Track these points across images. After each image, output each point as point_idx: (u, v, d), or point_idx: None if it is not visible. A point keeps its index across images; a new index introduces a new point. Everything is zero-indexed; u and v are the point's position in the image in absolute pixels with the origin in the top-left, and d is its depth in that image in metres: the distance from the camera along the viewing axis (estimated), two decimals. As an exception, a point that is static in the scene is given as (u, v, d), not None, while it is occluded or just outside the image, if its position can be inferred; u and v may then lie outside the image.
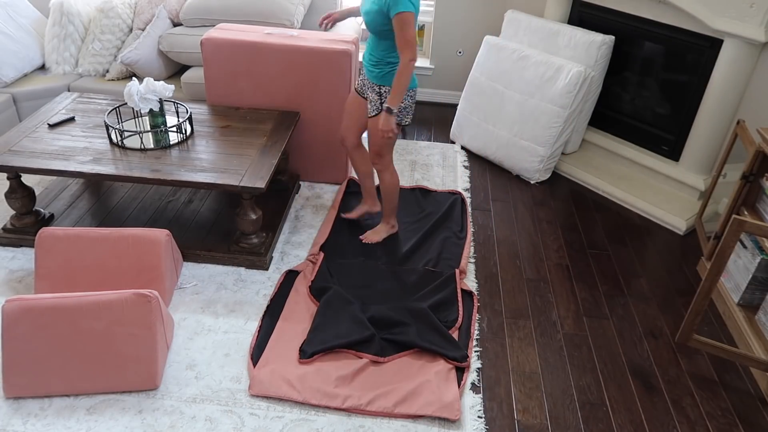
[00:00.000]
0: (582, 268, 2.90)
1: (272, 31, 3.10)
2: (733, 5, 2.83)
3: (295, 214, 3.13)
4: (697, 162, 3.24)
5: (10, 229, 2.76)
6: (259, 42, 2.97)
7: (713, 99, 3.05)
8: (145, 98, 2.65)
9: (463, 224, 3.08)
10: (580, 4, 3.62)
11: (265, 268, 2.71)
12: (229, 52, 3.00)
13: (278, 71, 3.03)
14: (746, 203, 2.70)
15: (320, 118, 3.15)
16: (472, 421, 2.08)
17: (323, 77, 3.02)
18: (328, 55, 2.95)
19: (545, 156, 3.46)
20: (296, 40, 2.99)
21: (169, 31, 3.59)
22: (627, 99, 3.61)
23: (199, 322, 2.42)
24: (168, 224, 2.88)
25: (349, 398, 2.10)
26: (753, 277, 2.46)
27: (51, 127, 2.80)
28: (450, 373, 2.22)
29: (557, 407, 2.18)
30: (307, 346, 2.27)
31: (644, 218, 3.32)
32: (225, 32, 3.04)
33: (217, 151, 2.68)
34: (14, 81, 3.57)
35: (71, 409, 2.03)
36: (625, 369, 2.36)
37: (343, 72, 2.99)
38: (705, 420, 2.16)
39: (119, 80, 3.66)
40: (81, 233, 2.39)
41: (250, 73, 3.05)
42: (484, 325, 2.52)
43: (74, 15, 3.67)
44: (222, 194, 3.12)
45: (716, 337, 2.53)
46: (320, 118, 3.14)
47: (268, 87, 3.08)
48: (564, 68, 3.32)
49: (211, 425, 2.00)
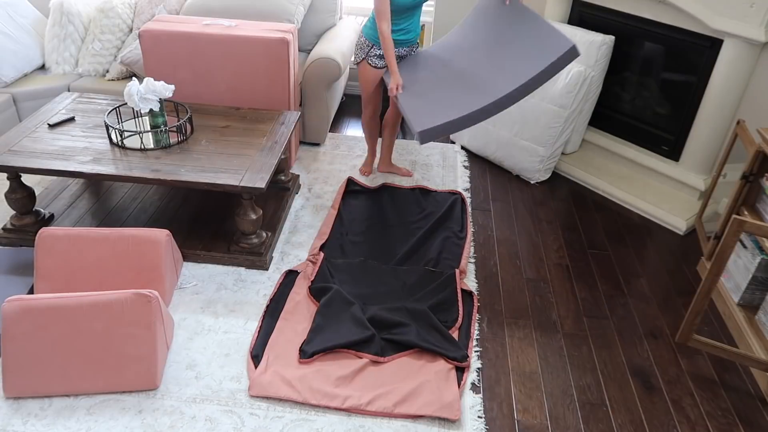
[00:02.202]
0: (582, 268, 2.90)
1: (210, 21, 3.12)
2: (733, 5, 2.83)
3: (295, 214, 3.13)
4: (697, 162, 3.24)
5: (10, 229, 2.76)
6: (197, 32, 2.98)
7: (713, 99, 3.05)
8: (145, 98, 2.65)
9: (463, 224, 3.08)
10: (580, 4, 3.62)
11: (265, 268, 2.71)
12: (167, 44, 3.01)
13: (217, 61, 3.05)
14: (746, 203, 2.70)
15: (260, 107, 3.16)
16: (472, 421, 2.08)
17: (262, 66, 3.04)
18: (265, 43, 2.97)
19: (545, 156, 3.46)
20: (234, 30, 3.02)
21: (169, 31, 3.59)
22: (627, 99, 3.61)
23: (199, 322, 2.42)
24: (168, 224, 2.88)
25: (349, 398, 2.10)
26: (753, 277, 2.46)
27: (51, 127, 2.80)
28: (450, 373, 2.22)
29: (557, 407, 2.18)
30: (307, 346, 2.27)
31: (644, 218, 3.32)
32: (163, 24, 3.06)
33: (217, 151, 2.68)
34: (14, 81, 3.57)
35: (71, 409, 2.03)
36: (625, 369, 2.36)
37: (282, 60, 3.01)
38: (705, 420, 2.16)
39: (119, 80, 3.66)
40: (81, 233, 2.39)
41: (190, 64, 3.07)
42: (484, 325, 2.52)
43: (74, 15, 3.67)
44: (222, 194, 3.12)
45: (716, 337, 2.53)
46: (260, 106, 3.16)
47: (207, 77, 3.10)
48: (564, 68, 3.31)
49: (211, 425, 2.00)
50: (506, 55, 2.70)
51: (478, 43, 2.88)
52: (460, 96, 2.66)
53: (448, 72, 2.88)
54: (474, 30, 2.97)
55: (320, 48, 3.57)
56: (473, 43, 2.91)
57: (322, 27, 3.90)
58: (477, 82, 2.69)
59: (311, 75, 3.47)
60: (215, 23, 3.09)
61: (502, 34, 2.78)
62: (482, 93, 2.59)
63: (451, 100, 2.66)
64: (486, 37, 2.86)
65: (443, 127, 2.56)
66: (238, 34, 2.98)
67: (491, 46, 2.79)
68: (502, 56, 2.71)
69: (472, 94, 2.62)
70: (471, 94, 2.62)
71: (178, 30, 2.99)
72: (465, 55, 2.91)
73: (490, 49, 2.79)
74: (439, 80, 2.86)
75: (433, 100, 2.72)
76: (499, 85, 2.57)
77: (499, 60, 2.70)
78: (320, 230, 2.98)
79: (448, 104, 2.62)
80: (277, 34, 2.99)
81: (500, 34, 2.80)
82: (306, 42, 3.91)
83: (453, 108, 2.59)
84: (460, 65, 2.87)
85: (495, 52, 2.75)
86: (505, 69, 2.62)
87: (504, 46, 2.74)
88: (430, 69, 2.97)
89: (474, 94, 2.62)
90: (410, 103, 2.78)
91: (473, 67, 2.80)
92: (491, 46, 2.80)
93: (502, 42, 2.76)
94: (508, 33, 2.76)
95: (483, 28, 2.92)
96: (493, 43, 2.79)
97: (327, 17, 3.89)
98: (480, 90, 2.62)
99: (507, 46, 2.72)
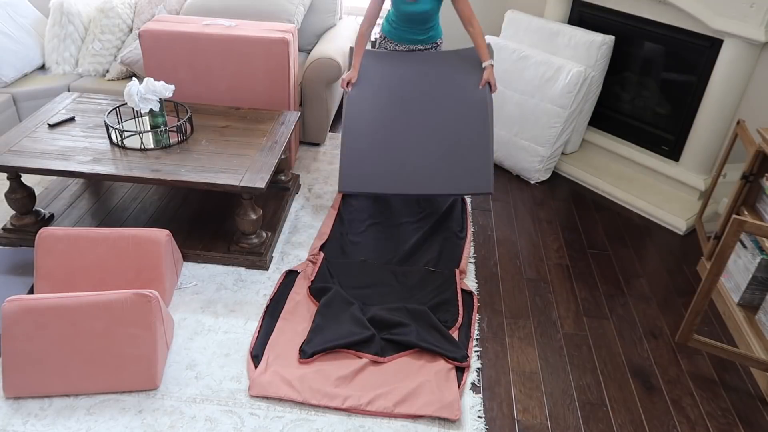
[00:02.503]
0: (582, 268, 2.90)
1: (210, 21, 3.12)
2: (733, 5, 2.83)
3: (295, 214, 3.13)
4: (697, 162, 3.24)
5: (10, 229, 2.76)
6: (197, 32, 2.99)
7: (713, 99, 3.05)
8: (145, 98, 2.65)
9: (463, 224, 3.08)
10: (580, 4, 3.62)
11: (265, 268, 2.71)
12: (167, 44, 3.01)
13: (217, 61, 3.05)
14: (746, 203, 2.70)
15: (260, 107, 3.17)
16: (472, 421, 2.08)
17: (262, 66, 3.04)
18: (265, 43, 2.97)
19: (545, 156, 3.46)
20: (234, 30, 3.02)
21: (169, 31, 3.59)
22: (627, 99, 3.61)
23: (199, 322, 2.42)
24: (168, 224, 2.88)
25: (349, 398, 2.10)
26: (753, 277, 2.46)
27: (51, 127, 2.80)
28: (450, 373, 2.22)
29: (557, 407, 2.18)
30: (307, 346, 2.27)
31: (644, 218, 3.32)
32: (163, 24, 3.06)
33: (217, 151, 2.68)
34: (14, 81, 3.57)
35: (71, 409, 2.03)
36: (625, 369, 2.36)
37: (282, 60, 3.01)
38: (705, 420, 2.16)
39: (119, 80, 3.66)
40: (81, 233, 2.39)
41: (190, 64, 3.07)
42: (484, 325, 2.52)
43: (74, 15, 3.67)
44: (222, 194, 3.12)
45: (716, 337, 2.53)
46: (260, 106, 3.16)
47: (207, 77, 3.10)
48: (564, 68, 3.32)
49: (211, 425, 2.00)
50: (442, 144, 2.87)
51: (435, 96, 2.97)
52: (394, 162, 2.85)
53: (399, 108, 2.96)
54: (443, 72, 3.02)
55: (320, 48, 3.57)
56: (432, 88, 2.99)
57: (322, 27, 3.90)
58: (411, 156, 2.86)
59: (311, 75, 3.47)
60: (215, 23, 3.09)
61: (454, 116, 2.92)
62: (410, 174, 2.83)
63: (386, 164, 2.83)
64: (444, 96, 2.97)
65: (366, 190, 2.81)
66: (238, 34, 2.98)
67: (440, 118, 2.93)
68: (440, 143, 2.87)
69: (402, 169, 2.82)
70: (402, 169, 2.82)
71: (178, 30, 2.99)
72: (420, 99, 2.99)
73: (438, 121, 2.93)
74: (386, 111, 2.95)
75: (369, 153, 2.85)
76: (421, 181, 2.83)
77: (435, 144, 2.87)
78: (320, 230, 2.98)
79: (381, 169, 2.81)
80: (277, 34, 2.99)
81: (453, 112, 2.92)
82: (306, 42, 3.91)
83: (382, 178, 2.79)
84: (411, 108, 2.96)
85: (438, 132, 2.90)
86: (433, 163, 2.83)
87: (448, 130, 2.89)
88: (390, 88, 3.00)
89: (404, 171, 2.83)
90: (352, 142, 2.87)
91: (417, 123, 2.93)
92: (441, 117, 2.93)
93: (449, 124, 2.90)
94: (458, 123, 2.90)
95: (449, 82, 2.99)
96: (442, 116, 2.93)
97: (327, 17, 3.89)
98: (410, 169, 2.84)
99: (449, 134, 2.88)
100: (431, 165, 2.83)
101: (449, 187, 2.81)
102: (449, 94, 2.94)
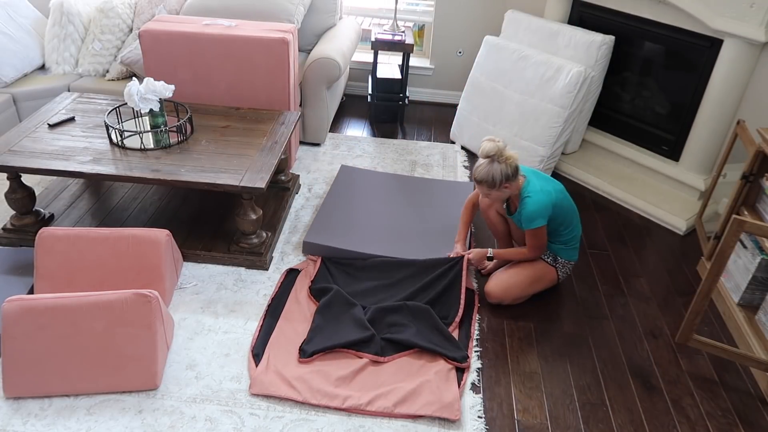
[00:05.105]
0: (582, 268, 2.90)
1: (210, 21, 3.12)
2: (733, 5, 2.83)
3: (295, 214, 3.13)
4: (697, 162, 3.24)
5: (10, 229, 2.76)
6: (197, 32, 2.98)
7: (713, 99, 3.05)
8: (145, 98, 2.65)
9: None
10: (580, 4, 3.62)
11: (265, 268, 2.71)
12: (167, 44, 3.01)
13: (217, 61, 3.05)
14: (746, 203, 2.70)
15: (260, 107, 3.16)
16: (472, 421, 2.08)
17: (262, 66, 3.04)
18: (265, 43, 2.97)
19: (545, 156, 3.46)
20: (234, 30, 3.01)
21: (169, 31, 3.59)
22: (627, 99, 3.61)
23: (199, 322, 2.42)
24: (168, 224, 2.88)
25: (349, 398, 2.10)
26: (753, 277, 2.46)
27: (51, 127, 2.80)
28: (450, 373, 2.22)
29: (557, 407, 2.18)
30: (307, 346, 2.27)
31: (644, 218, 3.32)
32: (163, 24, 3.06)
33: (217, 151, 2.68)
34: (14, 81, 3.57)
35: (71, 409, 2.03)
36: (625, 369, 2.36)
37: (282, 60, 3.01)
38: (705, 420, 2.16)
39: (119, 80, 3.66)
40: (81, 233, 2.39)
41: (190, 64, 3.06)
42: (484, 325, 2.52)
43: (74, 15, 3.67)
44: (222, 194, 3.12)
45: (716, 337, 2.53)
46: (260, 106, 3.16)
47: (207, 77, 3.10)
48: (564, 68, 3.32)
49: (211, 425, 2.00)
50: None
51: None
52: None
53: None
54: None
55: (320, 48, 3.57)
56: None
57: (322, 27, 3.90)
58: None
59: (311, 75, 3.48)
60: (215, 23, 3.09)
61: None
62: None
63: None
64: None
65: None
66: (238, 34, 2.98)
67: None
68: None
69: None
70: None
71: (178, 30, 2.99)
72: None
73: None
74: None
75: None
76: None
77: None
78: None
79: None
80: (277, 34, 2.99)
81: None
82: (306, 42, 3.91)
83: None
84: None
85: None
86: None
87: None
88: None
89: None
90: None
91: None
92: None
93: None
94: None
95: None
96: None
97: (327, 17, 3.89)
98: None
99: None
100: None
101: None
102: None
